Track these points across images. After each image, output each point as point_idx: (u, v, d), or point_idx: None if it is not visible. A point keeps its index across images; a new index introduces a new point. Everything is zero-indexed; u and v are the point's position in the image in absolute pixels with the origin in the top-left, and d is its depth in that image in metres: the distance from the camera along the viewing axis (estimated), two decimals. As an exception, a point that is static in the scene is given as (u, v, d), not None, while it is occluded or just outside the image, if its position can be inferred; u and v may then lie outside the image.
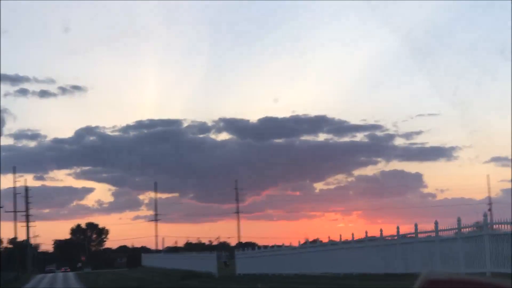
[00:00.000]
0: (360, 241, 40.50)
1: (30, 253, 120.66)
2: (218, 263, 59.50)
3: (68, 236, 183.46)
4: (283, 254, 49.94)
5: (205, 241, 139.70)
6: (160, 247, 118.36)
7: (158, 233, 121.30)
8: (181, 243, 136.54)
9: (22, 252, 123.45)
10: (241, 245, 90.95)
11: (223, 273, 58.13)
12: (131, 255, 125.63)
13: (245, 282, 43.59)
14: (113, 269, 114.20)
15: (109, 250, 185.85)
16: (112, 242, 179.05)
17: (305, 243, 50.63)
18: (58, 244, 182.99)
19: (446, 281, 2.01)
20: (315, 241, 47.93)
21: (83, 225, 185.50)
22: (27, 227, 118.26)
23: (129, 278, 68.66)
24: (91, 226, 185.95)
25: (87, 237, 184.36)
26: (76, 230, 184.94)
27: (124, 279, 68.34)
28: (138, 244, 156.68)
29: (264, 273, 51.04)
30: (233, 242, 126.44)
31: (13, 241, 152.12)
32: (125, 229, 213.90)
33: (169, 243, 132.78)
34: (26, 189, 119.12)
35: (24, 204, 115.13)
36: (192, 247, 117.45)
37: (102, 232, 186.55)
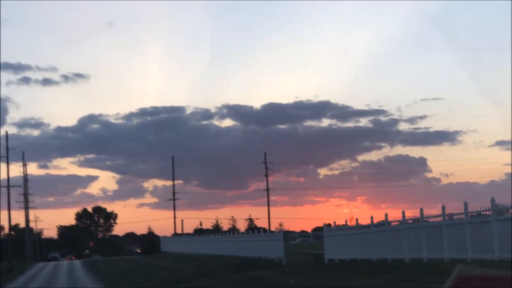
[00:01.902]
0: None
1: (29, 239, 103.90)
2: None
3: (73, 222, 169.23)
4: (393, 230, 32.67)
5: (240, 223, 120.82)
6: (179, 232, 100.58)
7: (166, 221, 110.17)
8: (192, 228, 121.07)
9: (21, 239, 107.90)
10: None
11: (290, 260, 40.98)
12: (146, 241, 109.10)
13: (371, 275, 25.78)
14: (126, 256, 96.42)
15: (117, 237, 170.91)
16: (119, 228, 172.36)
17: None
18: (63, 230, 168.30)
19: (479, 278, 1.86)
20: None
21: (90, 210, 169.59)
22: (26, 208, 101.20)
23: (157, 268, 51.26)
24: (98, 210, 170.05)
25: (94, 223, 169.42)
26: (82, 215, 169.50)
27: (150, 269, 50.97)
28: (145, 231, 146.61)
29: (364, 259, 33.95)
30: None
31: (14, 228, 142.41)
32: (132, 216, 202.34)
33: (187, 229, 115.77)
34: (24, 164, 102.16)
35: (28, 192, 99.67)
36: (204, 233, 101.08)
37: (110, 217, 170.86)
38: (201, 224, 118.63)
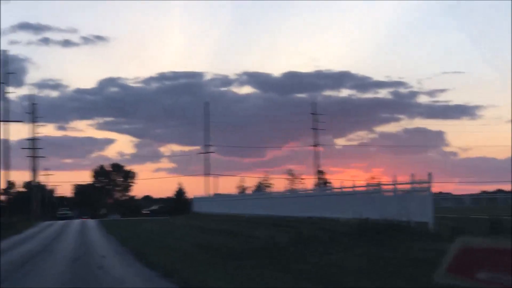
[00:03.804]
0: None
1: (37, 195, 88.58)
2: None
3: (91, 180, 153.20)
4: None
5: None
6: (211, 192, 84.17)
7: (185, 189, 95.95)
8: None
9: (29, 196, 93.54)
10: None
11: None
12: (175, 200, 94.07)
13: None
14: (149, 217, 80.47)
15: (135, 198, 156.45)
16: (137, 191, 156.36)
17: None
18: (78, 189, 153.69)
19: (481, 250, 1.79)
20: None
21: (107, 167, 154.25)
22: (33, 158, 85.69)
23: (206, 231, 34.86)
24: (116, 167, 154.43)
25: (112, 181, 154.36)
26: (99, 173, 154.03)
27: (198, 232, 34.64)
28: (162, 195, 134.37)
29: None
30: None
31: (26, 185, 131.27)
32: (149, 181, 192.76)
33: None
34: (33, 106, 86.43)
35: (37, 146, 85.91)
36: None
37: (128, 176, 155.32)
38: (242, 181, 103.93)
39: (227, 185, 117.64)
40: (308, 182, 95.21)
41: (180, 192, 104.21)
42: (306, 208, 39.40)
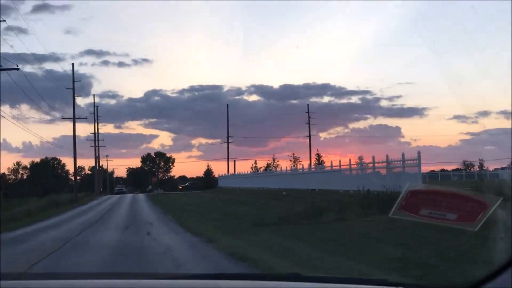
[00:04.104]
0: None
1: (99, 176, 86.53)
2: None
3: (139, 164, 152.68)
4: None
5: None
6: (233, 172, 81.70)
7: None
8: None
9: (93, 177, 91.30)
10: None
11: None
12: (204, 178, 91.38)
13: None
14: (185, 192, 77.90)
15: (173, 178, 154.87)
16: (174, 172, 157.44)
17: None
18: (131, 171, 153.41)
19: (423, 191, 1.70)
20: None
21: (153, 154, 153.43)
22: (96, 147, 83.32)
23: (232, 203, 32.54)
24: (160, 154, 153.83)
25: (156, 165, 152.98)
26: (146, 159, 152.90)
27: (226, 204, 32.33)
28: (194, 175, 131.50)
29: None
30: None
31: (91, 169, 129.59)
32: (183, 165, 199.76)
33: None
34: (95, 107, 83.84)
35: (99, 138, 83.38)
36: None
37: (169, 160, 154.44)
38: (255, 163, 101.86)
39: (243, 167, 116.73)
40: (305, 164, 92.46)
41: (208, 172, 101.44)
42: (309, 183, 36.92)
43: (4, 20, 53.90)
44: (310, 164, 63.17)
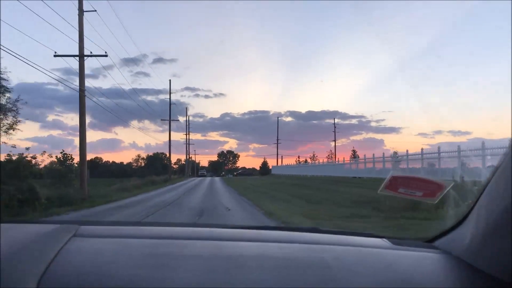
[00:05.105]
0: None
1: (188, 164, 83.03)
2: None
3: (216, 158, 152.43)
4: None
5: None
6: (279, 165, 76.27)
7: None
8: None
9: (185, 165, 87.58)
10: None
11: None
12: (261, 168, 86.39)
13: None
14: (245, 176, 72.91)
15: (237, 167, 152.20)
16: (239, 164, 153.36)
17: None
18: (210, 163, 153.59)
19: (403, 178, 1.61)
20: None
21: (225, 151, 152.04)
22: (187, 146, 79.85)
23: (294, 186, 27.24)
24: (229, 152, 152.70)
25: (227, 159, 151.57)
26: (221, 155, 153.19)
27: (286, 186, 27.09)
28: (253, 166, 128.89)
29: None
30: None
31: (185, 160, 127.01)
32: (243, 159, 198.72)
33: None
34: (187, 118, 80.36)
35: (190, 138, 79.58)
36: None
37: (235, 156, 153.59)
38: (298, 158, 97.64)
39: (286, 161, 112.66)
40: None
41: (264, 163, 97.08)
42: (349, 172, 31.10)
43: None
44: (336, 159, 56.95)
